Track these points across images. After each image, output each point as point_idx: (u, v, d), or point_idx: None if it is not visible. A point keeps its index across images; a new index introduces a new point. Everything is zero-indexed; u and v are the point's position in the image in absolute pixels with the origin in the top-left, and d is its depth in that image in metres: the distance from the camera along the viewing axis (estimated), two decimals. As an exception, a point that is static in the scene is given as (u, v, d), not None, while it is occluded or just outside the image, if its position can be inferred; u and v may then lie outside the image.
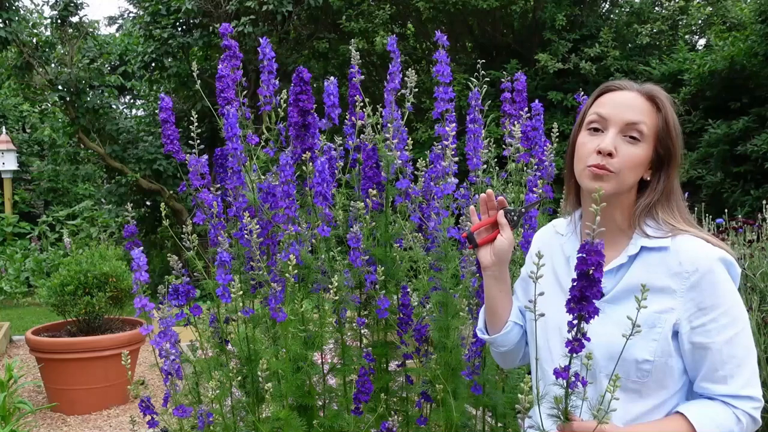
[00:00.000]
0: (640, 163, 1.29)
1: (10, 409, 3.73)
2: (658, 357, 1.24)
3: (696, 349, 1.24)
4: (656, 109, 1.31)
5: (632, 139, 1.28)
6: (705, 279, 1.23)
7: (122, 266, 4.92)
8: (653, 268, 1.28)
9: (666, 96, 1.33)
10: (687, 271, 1.24)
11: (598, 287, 1.10)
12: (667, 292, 1.25)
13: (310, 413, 2.02)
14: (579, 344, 1.13)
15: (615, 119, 1.29)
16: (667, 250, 1.27)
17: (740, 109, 6.93)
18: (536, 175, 2.13)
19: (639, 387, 1.27)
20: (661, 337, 1.24)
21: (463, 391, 1.91)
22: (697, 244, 1.27)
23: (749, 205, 6.34)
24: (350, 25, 8.84)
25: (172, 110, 2.17)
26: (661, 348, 1.24)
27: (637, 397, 1.27)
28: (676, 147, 1.31)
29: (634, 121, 1.28)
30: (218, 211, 2.00)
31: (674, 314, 1.24)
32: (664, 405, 1.28)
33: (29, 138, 12.90)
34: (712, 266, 1.24)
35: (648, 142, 1.29)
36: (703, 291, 1.23)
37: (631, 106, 1.30)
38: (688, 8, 9.13)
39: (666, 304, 1.25)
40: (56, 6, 8.12)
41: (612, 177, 1.28)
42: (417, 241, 2.02)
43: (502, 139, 2.21)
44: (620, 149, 1.28)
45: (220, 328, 2.08)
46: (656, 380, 1.26)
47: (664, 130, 1.30)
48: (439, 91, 2.01)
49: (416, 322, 1.98)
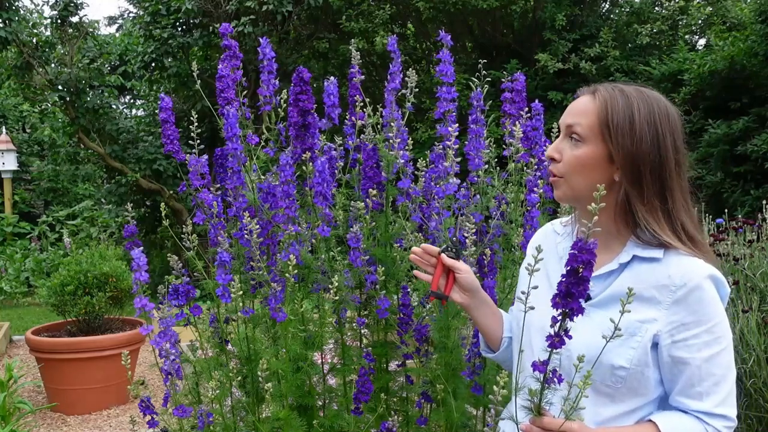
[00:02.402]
0: (584, 164, 1.27)
1: (10, 409, 3.72)
2: (634, 365, 1.24)
3: (675, 363, 1.24)
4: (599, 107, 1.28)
5: (574, 140, 1.29)
6: (692, 294, 1.22)
7: (122, 266, 4.93)
8: (642, 277, 1.26)
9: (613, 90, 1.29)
10: (675, 284, 1.23)
11: (585, 286, 1.10)
12: (652, 302, 1.24)
13: (310, 413, 2.02)
14: (560, 340, 1.13)
15: (561, 125, 1.33)
16: (659, 261, 1.26)
17: (740, 109, 6.93)
18: (536, 175, 2.13)
19: (612, 392, 1.26)
20: (639, 346, 1.24)
21: (463, 391, 1.91)
22: (689, 261, 1.25)
23: (749, 205, 6.35)
24: (350, 25, 8.84)
25: (172, 110, 2.17)
26: (638, 357, 1.24)
27: (609, 401, 1.27)
28: (633, 141, 1.25)
29: (570, 123, 1.30)
30: (218, 211, 2.00)
31: (656, 325, 1.23)
32: (634, 412, 1.28)
33: (29, 138, 12.90)
34: (701, 283, 1.22)
35: (592, 141, 1.27)
36: (689, 306, 1.22)
37: (574, 109, 1.31)
38: (688, 8, 9.13)
39: (649, 314, 1.24)
40: (56, 6, 8.11)
41: (561, 182, 1.31)
42: (417, 241, 2.02)
43: (503, 139, 2.21)
44: (564, 153, 1.30)
45: (220, 328, 2.08)
46: (629, 388, 1.26)
47: (606, 124, 1.26)
48: (442, 90, 2.01)
49: (416, 322, 1.98)
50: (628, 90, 1.29)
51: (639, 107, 1.26)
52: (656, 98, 1.30)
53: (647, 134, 1.26)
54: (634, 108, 1.26)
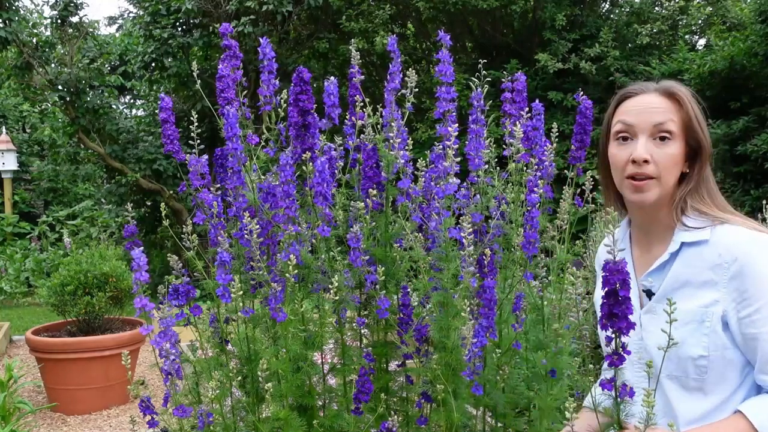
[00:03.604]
0: (676, 162, 1.31)
1: (10, 409, 3.72)
2: (712, 351, 1.23)
3: (747, 340, 1.22)
4: (678, 105, 1.32)
5: (663, 140, 1.30)
6: (746, 267, 1.21)
7: (122, 266, 4.93)
8: (694, 262, 1.27)
9: (685, 89, 1.35)
10: (726, 261, 1.23)
11: (627, 305, 1.09)
12: (710, 285, 1.24)
13: (310, 413, 2.02)
14: (619, 358, 1.13)
15: (642, 125, 1.31)
16: (706, 243, 1.26)
17: (740, 109, 6.93)
18: (536, 175, 2.13)
19: (700, 384, 1.25)
20: (710, 330, 1.23)
21: (463, 391, 1.91)
22: (736, 231, 1.24)
23: (749, 205, 6.35)
24: (350, 25, 8.84)
25: (172, 110, 2.17)
26: (713, 342, 1.23)
27: (701, 395, 1.26)
28: (704, 135, 1.33)
29: (660, 122, 1.30)
30: (218, 211, 2.00)
31: (720, 306, 1.23)
32: (729, 401, 1.25)
33: (29, 138, 12.90)
34: (753, 252, 1.21)
35: (678, 138, 1.31)
36: (745, 280, 1.21)
37: (655, 108, 1.31)
38: (688, 8, 9.13)
39: (710, 297, 1.24)
40: (56, 6, 8.11)
41: (653, 183, 1.30)
42: (417, 241, 2.01)
43: (503, 139, 2.21)
44: (654, 153, 1.29)
45: (220, 328, 2.08)
46: (717, 375, 1.24)
47: (690, 123, 1.31)
48: (442, 90, 2.01)
49: (416, 322, 1.98)
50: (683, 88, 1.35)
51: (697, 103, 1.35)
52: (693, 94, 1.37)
53: (704, 126, 1.34)
54: (695, 105, 1.34)
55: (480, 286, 1.92)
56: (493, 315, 1.93)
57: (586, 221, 4.56)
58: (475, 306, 1.91)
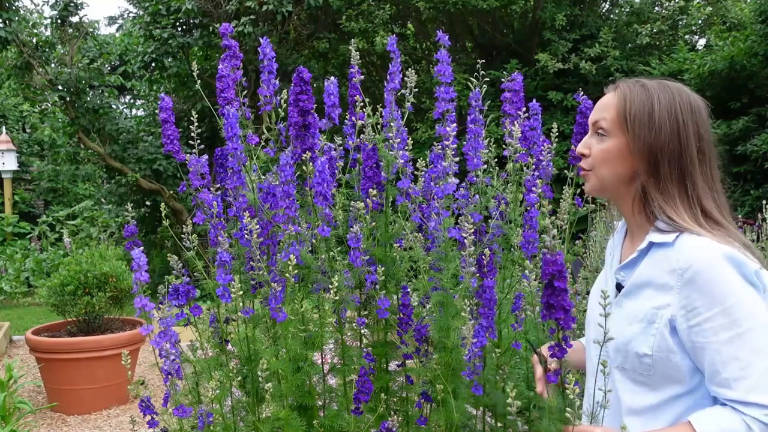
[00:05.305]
0: (610, 157, 1.33)
1: (10, 409, 3.73)
2: (656, 352, 1.25)
3: (696, 349, 1.22)
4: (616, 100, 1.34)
5: (600, 135, 1.35)
6: (700, 276, 1.20)
7: (122, 266, 4.93)
8: (658, 263, 1.28)
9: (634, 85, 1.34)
10: (681, 267, 1.22)
11: (563, 296, 1.15)
12: (666, 288, 1.25)
13: (310, 413, 2.02)
14: (560, 350, 1.18)
15: (590, 123, 1.40)
16: (671, 246, 1.26)
17: (740, 109, 6.93)
18: (534, 175, 2.13)
19: (646, 380, 1.28)
20: (657, 332, 1.24)
21: (463, 391, 1.91)
22: (698, 241, 1.24)
23: (749, 205, 6.35)
24: (350, 25, 8.84)
25: (172, 110, 2.17)
26: (659, 344, 1.24)
27: (647, 389, 1.29)
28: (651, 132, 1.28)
29: (595, 120, 1.37)
30: (218, 211, 2.00)
31: (669, 310, 1.24)
32: (676, 400, 1.27)
33: (29, 138, 12.90)
34: (711, 263, 1.20)
35: (615, 134, 1.33)
36: (698, 289, 1.21)
37: (601, 106, 1.38)
38: (688, 8, 9.13)
39: (663, 300, 1.25)
40: (56, 6, 8.11)
41: (590, 175, 1.37)
42: (417, 241, 2.02)
43: (502, 139, 2.21)
44: (592, 148, 1.36)
45: (220, 328, 2.08)
46: (662, 374, 1.26)
47: (621, 120, 1.32)
48: (441, 91, 2.01)
49: (416, 322, 1.98)
50: (650, 83, 1.34)
51: (659, 98, 1.31)
52: (678, 89, 1.34)
53: (666, 124, 1.29)
54: (654, 99, 1.30)
55: (479, 286, 1.92)
56: (492, 315, 1.93)
57: (586, 221, 4.56)
58: (474, 306, 1.91)
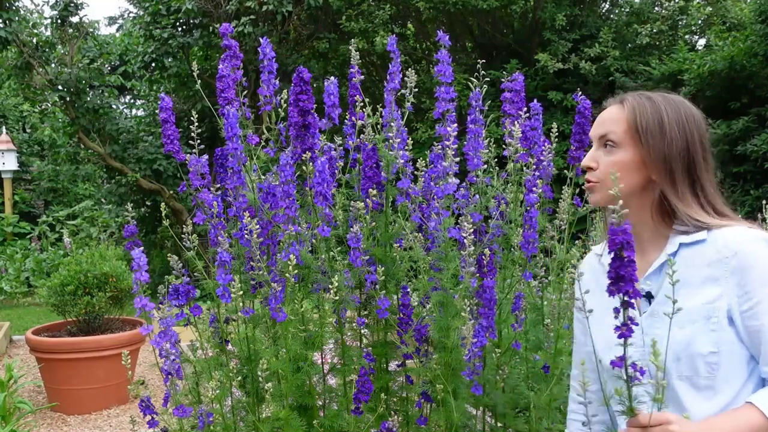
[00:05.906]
0: (621, 168, 1.35)
1: (10, 409, 3.73)
2: (721, 346, 1.26)
3: (751, 333, 1.25)
4: (625, 113, 1.38)
5: (608, 147, 1.39)
6: (745, 261, 1.25)
7: (122, 266, 4.93)
8: (692, 261, 1.30)
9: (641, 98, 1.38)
10: (726, 256, 1.26)
11: (632, 266, 1.10)
12: (711, 280, 1.28)
13: (310, 413, 2.02)
14: (627, 329, 1.13)
15: (594, 137, 1.43)
16: (704, 242, 1.30)
17: (740, 109, 6.93)
18: (535, 175, 2.13)
19: (711, 382, 1.27)
20: (718, 326, 1.26)
21: (463, 391, 1.91)
22: (734, 230, 1.29)
23: (749, 205, 6.35)
24: (350, 25, 8.84)
25: (172, 110, 2.17)
26: (721, 337, 1.25)
27: (712, 393, 1.28)
28: (664, 143, 1.34)
29: (602, 134, 1.40)
30: (218, 211, 2.00)
31: (723, 300, 1.26)
32: (738, 396, 1.27)
33: (29, 138, 12.91)
34: (752, 246, 1.25)
35: (626, 146, 1.37)
36: (746, 273, 1.25)
37: (604, 120, 1.41)
38: (688, 8, 9.13)
39: (713, 292, 1.27)
40: (56, 6, 8.11)
41: (597, 187, 1.40)
42: (417, 241, 2.02)
43: (503, 139, 2.21)
44: (600, 160, 1.40)
45: (220, 328, 2.09)
46: (726, 371, 1.26)
47: (636, 129, 1.36)
48: (441, 91, 2.01)
49: (416, 322, 1.98)
50: (655, 96, 1.39)
51: (667, 111, 1.37)
52: (681, 102, 1.40)
53: (677, 135, 1.36)
54: (662, 111, 1.36)
55: (479, 286, 1.92)
56: (492, 315, 1.93)
57: (586, 221, 4.56)
58: (474, 306, 1.91)
